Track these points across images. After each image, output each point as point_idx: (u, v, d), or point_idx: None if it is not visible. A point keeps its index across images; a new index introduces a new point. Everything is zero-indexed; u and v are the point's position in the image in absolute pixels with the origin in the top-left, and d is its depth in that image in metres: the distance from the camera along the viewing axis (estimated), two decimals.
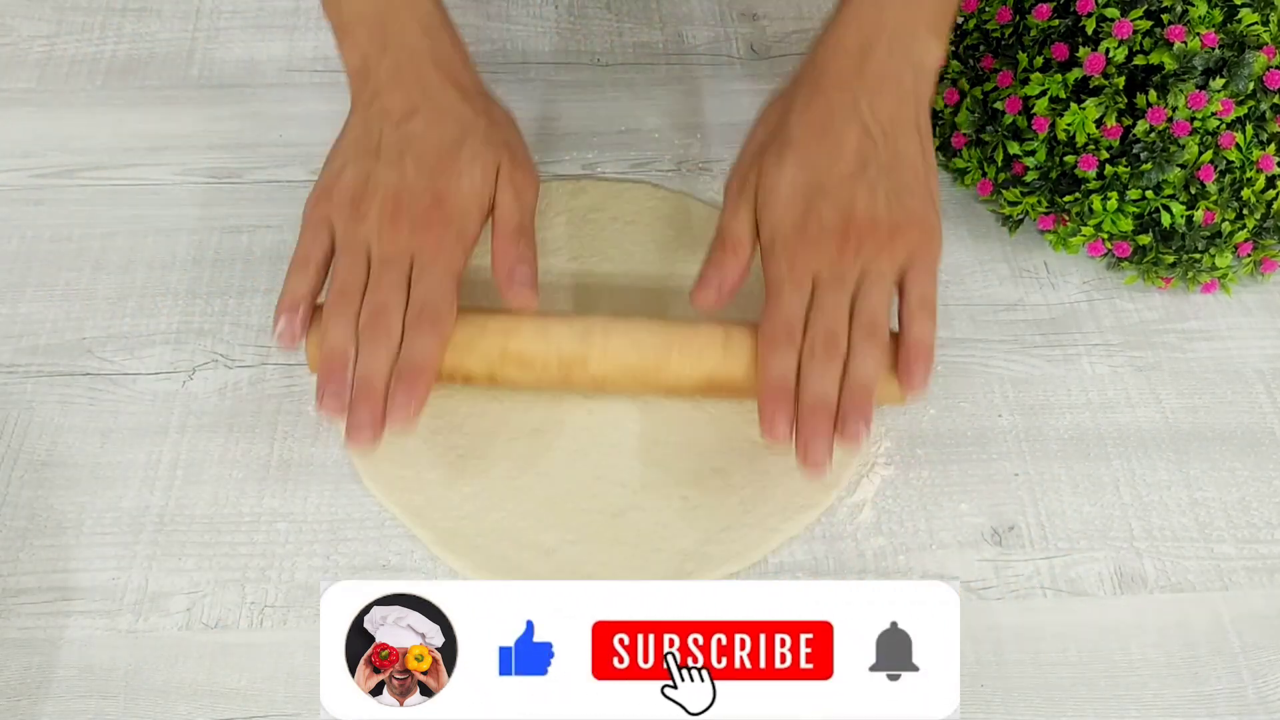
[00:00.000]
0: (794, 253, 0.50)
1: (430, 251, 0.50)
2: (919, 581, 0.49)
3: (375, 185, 0.50)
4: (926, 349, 0.49)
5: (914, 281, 0.50)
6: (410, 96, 0.52)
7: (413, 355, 0.48)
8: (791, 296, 0.49)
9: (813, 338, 0.48)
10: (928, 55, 0.52)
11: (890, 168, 0.50)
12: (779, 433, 0.47)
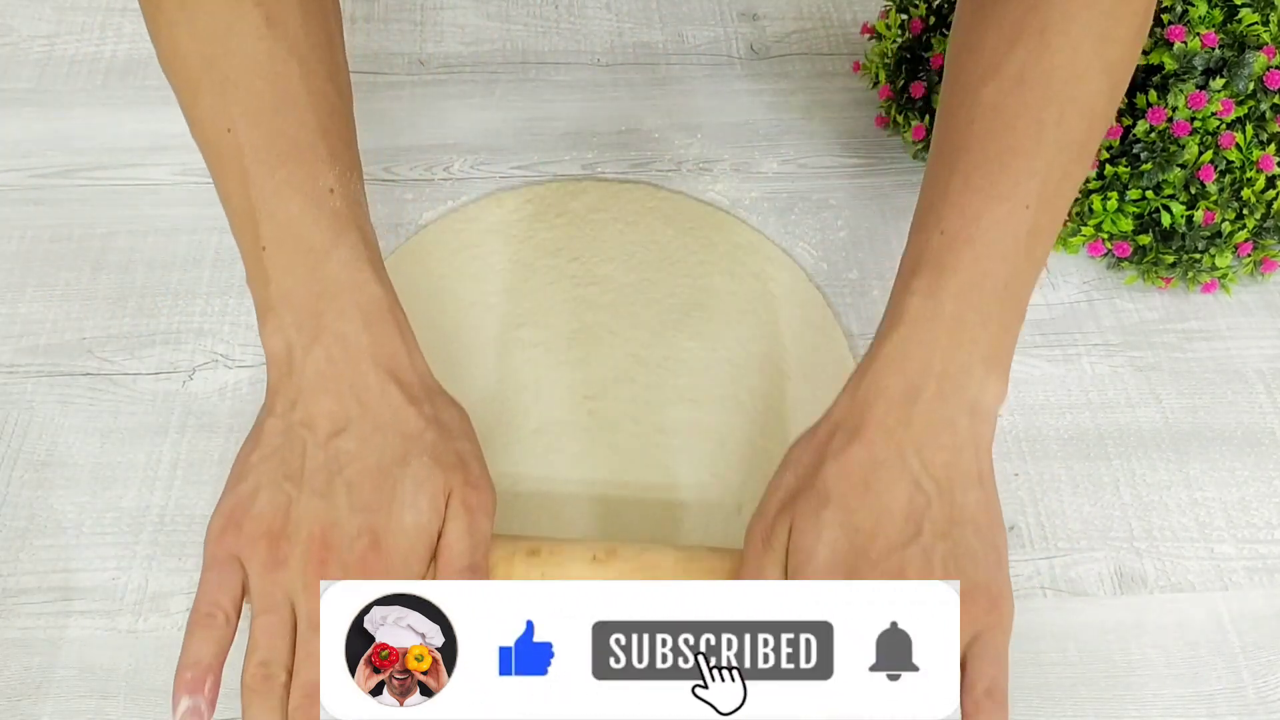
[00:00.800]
0: None
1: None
2: (919, 581, 0.49)
3: (298, 521, 0.42)
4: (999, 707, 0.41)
5: (979, 665, 0.41)
6: (343, 404, 0.43)
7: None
8: None
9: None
10: (985, 395, 0.44)
11: (947, 529, 0.43)
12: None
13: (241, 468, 0.43)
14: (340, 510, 0.42)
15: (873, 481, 0.43)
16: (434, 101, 0.66)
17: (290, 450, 0.43)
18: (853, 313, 0.59)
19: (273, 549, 0.41)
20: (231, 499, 0.43)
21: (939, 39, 0.63)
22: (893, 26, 0.66)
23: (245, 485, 0.43)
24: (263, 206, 0.45)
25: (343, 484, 0.42)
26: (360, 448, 0.43)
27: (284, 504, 0.42)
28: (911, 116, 0.65)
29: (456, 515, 0.44)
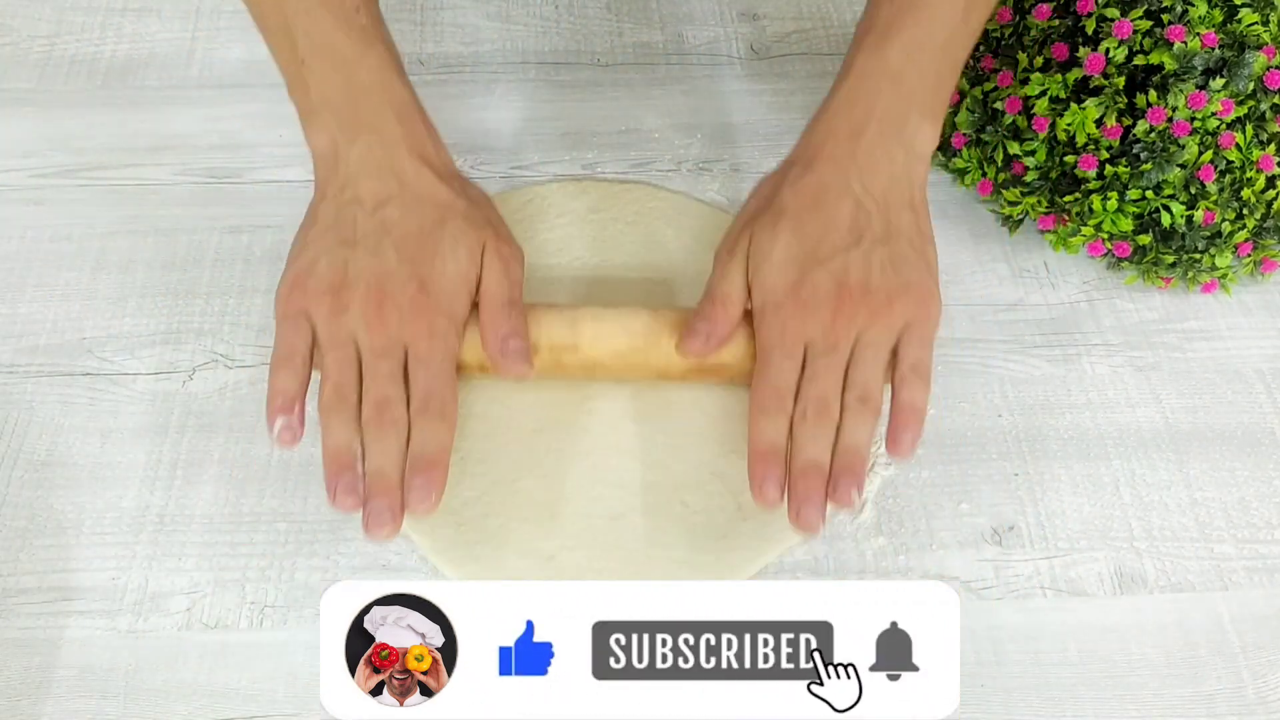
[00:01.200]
0: (786, 319, 0.49)
1: (424, 341, 0.48)
2: (919, 581, 0.49)
3: (355, 275, 0.48)
4: (917, 415, 0.48)
5: (908, 348, 0.49)
6: (385, 183, 0.50)
7: (426, 447, 0.46)
8: (783, 363, 0.49)
9: (804, 403, 0.48)
10: (920, 138, 0.52)
11: (885, 238, 0.50)
12: (770, 497, 0.46)
13: (301, 243, 0.50)
14: (391, 264, 0.49)
15: (822, 200, 0.51)
16: (434, 101, 0.65)
17: (342, 223, 0.50)
18: None
19: (336, 299, 0.48)
20: (295, 267, 0.50)
21: None
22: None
23: (306, 255, 0.50)
24: (298, 25, 0.51)
25: (391, 244, 0.49)
26: (403, 215, 0.50)
27: (341, 264, 0.49)
28: None
29: (492, 263, 0.51)
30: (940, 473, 0.53)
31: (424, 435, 0.46)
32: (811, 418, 0.47)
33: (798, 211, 0.51)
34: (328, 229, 0.50)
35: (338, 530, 0.50)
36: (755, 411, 0.48)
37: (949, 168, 0.64)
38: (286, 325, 0.48)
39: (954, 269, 0.61)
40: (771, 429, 0.48)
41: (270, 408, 0.46)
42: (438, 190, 0.51)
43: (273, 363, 0.48)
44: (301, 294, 0.48)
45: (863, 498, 0.46)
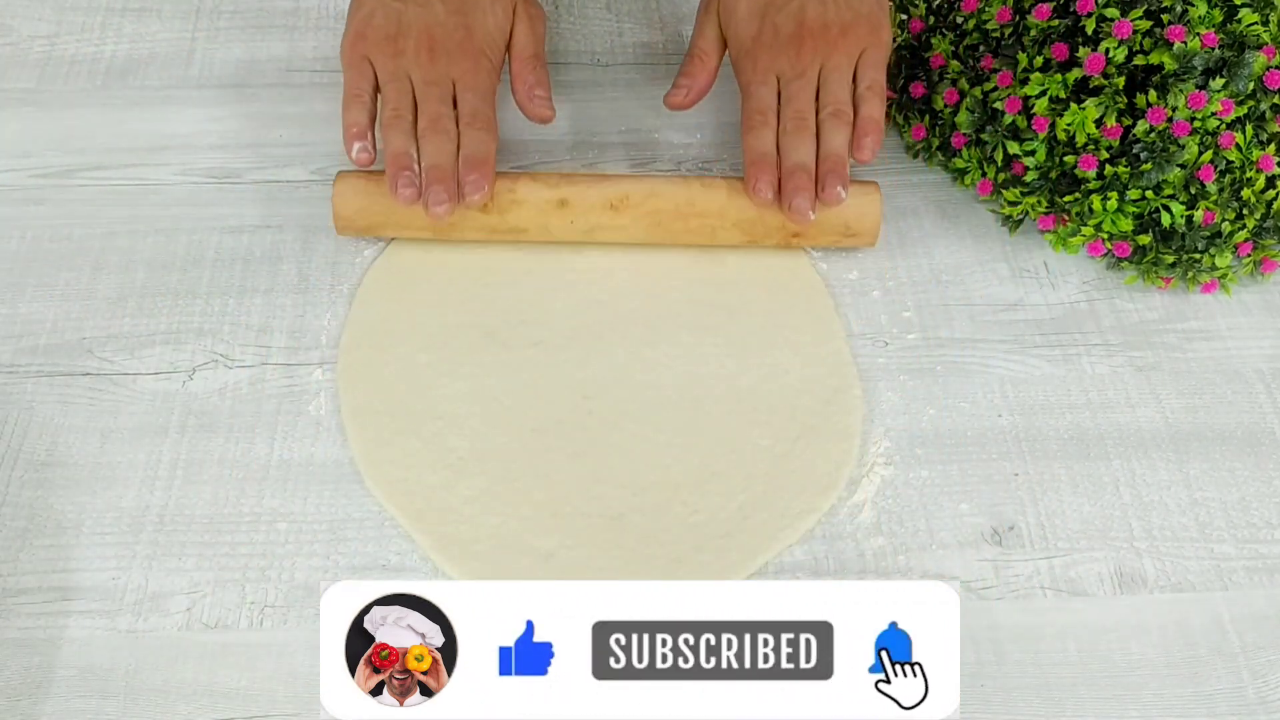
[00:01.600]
0: (756, 58, 0.58)
1: (469, 76, 0.57)
2: (919, 581, 0.49)
3: (408, 24, 0.57)
4: (876, 124, 0.57)
5: (864, 70, 0.58)
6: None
7: (475, 148, 0.55)
8: (760, 90, 0.58)
9: (785, 120, 0.57)
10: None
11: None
12: (764, 194, 0.55)
13: (357, 1, 0.59)
14: (439, 14, 0.58)
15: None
16: None
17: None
18: (853, 313, 0.59)
19: (393, 44, 0.57)
20: (354, 21, 0.59)
21: (939, 39, 0.63)
22: (892, 26, 0.66)
23: (363, 10, 0.59)
24: None
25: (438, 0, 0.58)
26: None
27: (396, 15, 0.58)
28: (911, 116, 0.65)
29: (522, 19, 0.61)
30: (940, 473, 0.53)
31: (473, 141, 0.55)
32: (793, 130, 0.56)
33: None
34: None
35: (338, 530, 0.50)
36: (745, 130, 0.57)
37: (949, 168, 0.64)
38: (352, 70, 0.58)
39: (954, 269, 0.61)
40: (760, 141, 0.57)
41: (346, 136, 0.56)
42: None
43: (344, 101, 0.57)
44: (363, 42, 0.58)
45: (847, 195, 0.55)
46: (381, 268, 0.59)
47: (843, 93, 0.57)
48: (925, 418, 0.55)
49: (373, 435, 0.53)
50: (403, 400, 0.54)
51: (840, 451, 0.53)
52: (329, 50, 0.69)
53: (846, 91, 0.57)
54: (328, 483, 0.52)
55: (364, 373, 0.55)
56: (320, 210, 0.61)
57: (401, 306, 0.57)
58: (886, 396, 0.56)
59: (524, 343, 0.56)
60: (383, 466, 0.52)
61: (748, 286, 0.59)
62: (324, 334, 0.57)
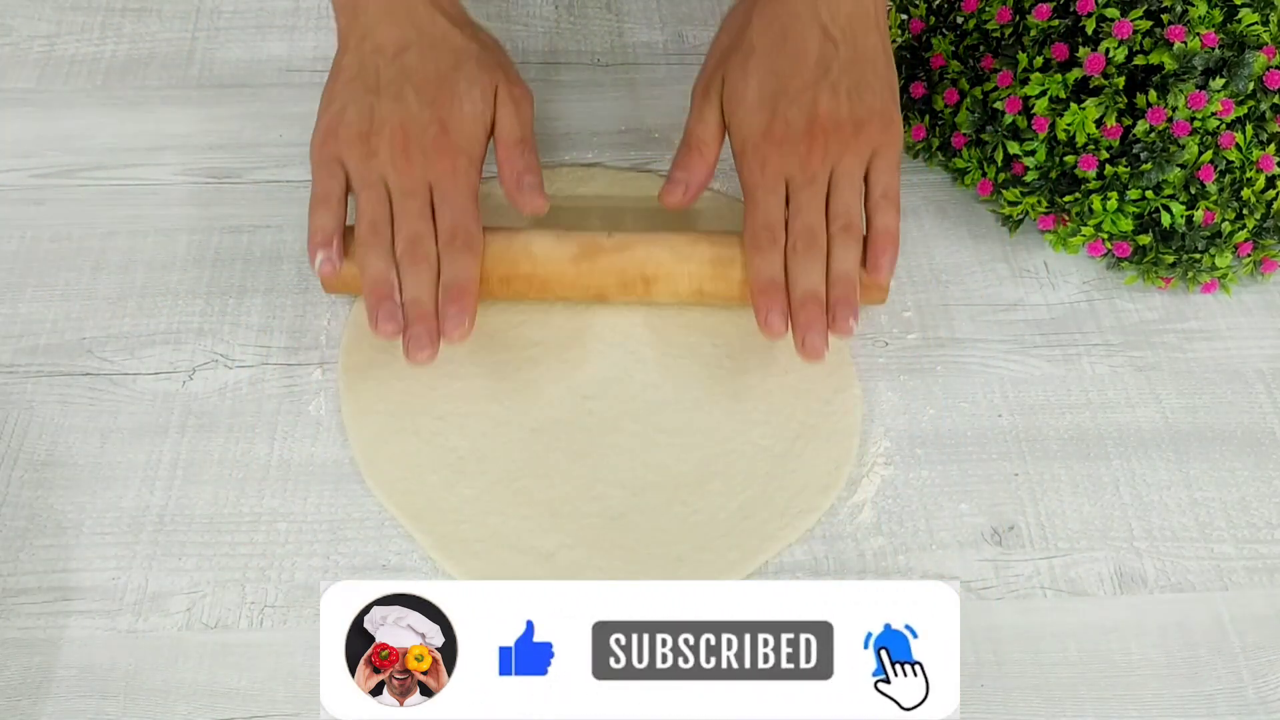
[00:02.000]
0: (765, 157, 0.53)
1: (447, 179, 0.53)
2: (919, 581, 0.49)
3: (381, 120, 0.53)
4: (892, 238, 0.53)
5: (877, 176, 0.53)
6: (402, 31, 0.54)
7: (456, 277, 0.51)
8: (767, 199, 0.53)
9: (795, 237, 0.52)
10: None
11: (850, 67, 0.53)
12: (777, 329, 0.51)
13: (329, 96, 0.55)
14: (413, 108, 0.53)
15: (789, 33, 0.54)
16: None
17: (366, 72, 0.54)
18: None
19: (365, 145, 0.53)
20: (325, 118, 0.54)
21: (939, 39, 0.63)
22: (892, 26, 0.66)
23: (334, 106, 0.54)
24: None
25: (412, 89, 0.53)
26: (421, 61, 0.54)
27: (368, 111, 0.53)
28: (911, 116, 0.65)
29: (505, 103, 0.55)
30: (940, 473, 0.53)
31: (454, 267, 0.52)
32: (803, 250, 0.52)
33: (767, 49, 0.54)
34: (353, 79, 0.54)
35: (338, 530, 0.50)
36: (750, 250, 0.53)
37: (949, 168, 0.64)
38: (322, 171, 0.53)
39: (954, 269, 0.61)
40: (768, 265, 0.52)
41: (311, 243, 0.52)
42: (452, 35, 0.55)
43: (311, 205, 0.53)
44: (334, 141, 0.53)
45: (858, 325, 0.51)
46: None
47: (855, 202, 0.53)
48: (925, 418, 0.55)
49: (373, 435, 0.53)
50: (403, 400, 0.54)
51: (840, 451, 0.53)
52: (329, 50, 0.69)
53: (858, 200, 0.53)
54: (328, 483, 0.52)
55: (365, 373, 0.55)
56: None
57: None
58: (886, 396, 0.56)
59: (524, 343, 0.56)
60: (383, 466, 0.52)
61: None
62: (324, 334, 0.57)
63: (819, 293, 0.51)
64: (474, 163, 0.54)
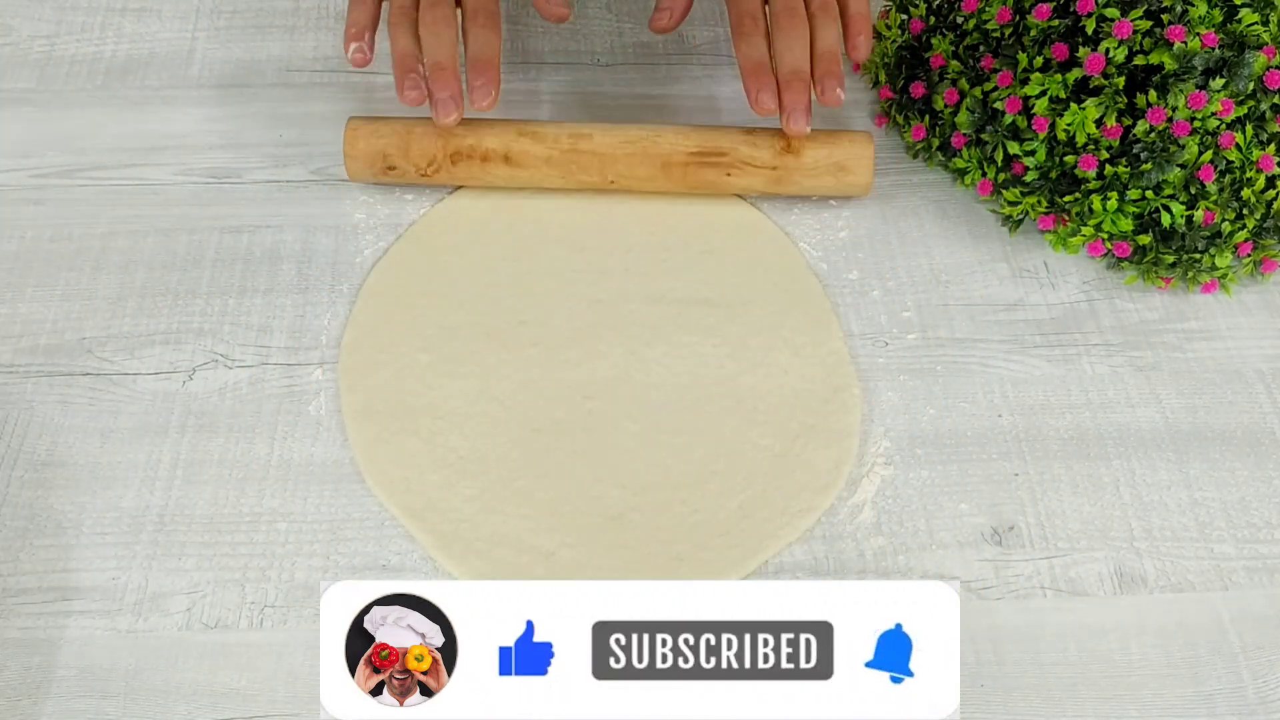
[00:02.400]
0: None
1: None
2: (919, 581, 0.49)
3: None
4: (866, 20, 0.59)
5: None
6: None
7: (481, 50, 0.56)
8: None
9: (776, 13, 0.57)
10: None
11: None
12: (767, 104, 0.56)
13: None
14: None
15: None
16: None
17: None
18: (853, 313, 0.59)
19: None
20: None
21: (939, 39, 0.63)
22: (893, 26, 0.66)
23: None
24: None
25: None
26: None
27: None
28: (911, 116, 0.65)
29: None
30: (940, 473, 0.53)
31: (478, 40, 0.56)
32: (785, 25, 0.56)
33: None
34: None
35: (338, 530, 0.50)
36: (736, 37, 0.58)
37: (949, 168, 0.64)
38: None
39: (954, 269, 0.61)
40: (754, 48, 0.57)
41: (346, 35, 0.57)
42: None
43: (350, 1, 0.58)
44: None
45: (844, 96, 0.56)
46: (383, 268, 0.59)
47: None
48: (925, 418, 0.55)
49: (374, 435, 0.53)
50: (403, 400, 0.54)
51: (839, 451, 0.53)
52: (329, 50, 0.69)
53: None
54: (328, 482, 0.52)
55: (365, 372, 0.55)
56: (320, 210, 0.61)
57: (402, 306, 0.57)
58: (886, 396, 0.56)
59: (524, 342, 0.56)
60: (384, 466, 0.52)
61: (746, 287, 0.59)
62: (324, 334, 0.57)
63: (803, 70, 0.56)
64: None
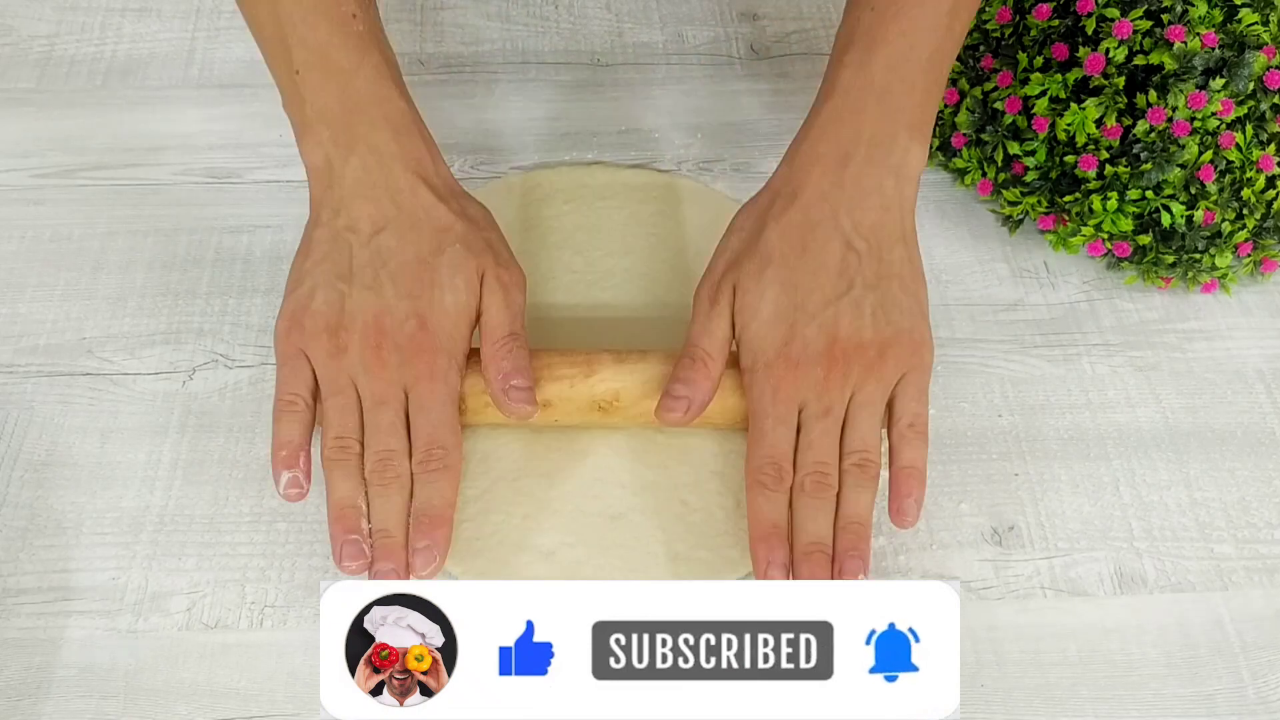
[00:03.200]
0: (778, 381, 0.48)
1: (424, 383, 0.47)
2: (919, 581, 0.49)
3: (352, 313, 0.47)
4: (919, 476, 0.47)
5: (904, 404, 0.48)
6: (380, 207, 0.49)
7: (430, 504, 0.47)
8: (776, 430, 0.48)
9: (803, 476, 0.47)
10: (909, 159, 0.49)
11: (875, 283, 0.48)
12: (775, 578, 0.46)
13: (297, 275, 0.49)
14: (388, 299, 0.47)
15: (809, 242, 0.48)
16: (434, 101, 0.66)
17: (338, 253, 0.48)
18: None
19: (333, 339, 0.47)
20: (292, 303, 0.48)
21: None
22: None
23: (302, 289, 0.48)
24: (293, 33, 0.49)
25: (388, 276, 0.48)
26: (399, 243, 0.48)
27: (338, 300, 0.48)
28: None
29: (492, 291, 0.49)
30: (940, 473, 0.53)
31: (428, 491, 0.47)
32: (811, 490, 0.47)
33: (785, 256, 0.49)
34: (322, 259, 0.48)
35: None
36: (753, 487, 0.48)
37: (949, 168, 0.64)
38: (285, 368, 0.48)
39: (954, 269, 0.61)
40: (771, 508, 0.47)
41: (275, 460, 0.47)
42: (435, 213, 0.49)
43: (275, 410, 0.48)
44: (299, 333, 0.48)
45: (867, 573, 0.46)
46: None
47: (873, 436, 0.48)
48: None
49: None
50: None
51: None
52: None
53: (877, 433, 0.48)
54: None
55: None
56: None
57: None
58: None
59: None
60: None
61: None
62: None
63: (825, 542, 0.46)
64: (455, 362, 0.48)
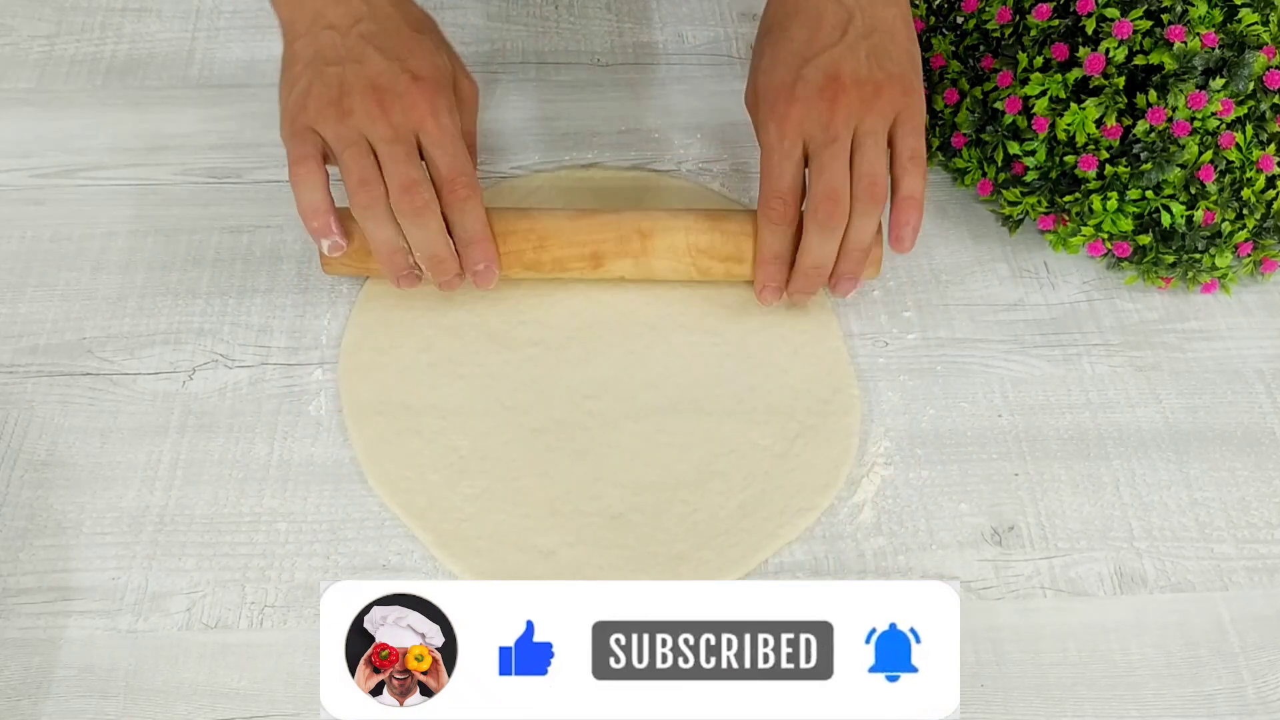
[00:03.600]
0: (784, 114, 0.51)
1: (430, 122, 0.51)
2: (919, 581, 0.49)
3: (349, 84, 0.50)
4: (917, 205, 0.52)
5: (903, 138, 0.52)
6: (351, 7, 0.52)
7: (471, 228, 0.52)
8: (783, 164, 0.51)
9: (817, 204, 0.51)
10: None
11: (868, 33, 0.52)
12: (769, 302, 0.55)
13: (288, 81, 0.52)
14: (379, 64, 0.51)
15: (802, 5, 0.53)
16: None
17: (323, 48, 0.52)
18: (852, 312, 0.59)
19: (338, 106, 0.50)
20: (291, 97, 0.51)
21: (939, 39, 0.63)
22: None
23: (299, 85, 0.51)
24: None
25: (375, 50, 0.51)
26: (380, 28, 0.52)
27: (335, 79, 0.51)
28: None
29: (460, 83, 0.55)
30: (940, 473, 0.53)
31: (464, 217, 0.51)
32: (823, 219, 0.51)
33: (781, 22, 0.53)
34: (310, 58, 0.52)
35: (338, 530, 0.50)
36: (762, 219, 0.53)
37: (949, 168, 0.64)
38: (295, 143, 0.51)
39: (954, 269, 0.61)
40: (775, 240, 0.53)
41: (309, 227, 0.51)
42: (405, 6, 0.54)
43: (291, 175, 0.50)
44: (304, 113, 0.51)
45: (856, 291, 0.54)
46: None
47: (881, 161, 0.51)
48: (925, 418, 0.55)
49: (375, 434, 0.53)
50: (404, 400, 0.54)
51: (839, 450, 0.53)
52: None
53: (883, 161, 0.51)
54: (328, 482, 0.52)
55: (365, 373, 0.55)
56: None
57: (402, 306, 0.57)
58: (886, 396, 0.56)
59: (524, 342, 0.56)
60: (385, 465, 0.52)
61: (746, 287, 0.59)
62: (324, 334, 0.57)
63: (826, 267, 0.52)
64: (452, 108, 0.52)
